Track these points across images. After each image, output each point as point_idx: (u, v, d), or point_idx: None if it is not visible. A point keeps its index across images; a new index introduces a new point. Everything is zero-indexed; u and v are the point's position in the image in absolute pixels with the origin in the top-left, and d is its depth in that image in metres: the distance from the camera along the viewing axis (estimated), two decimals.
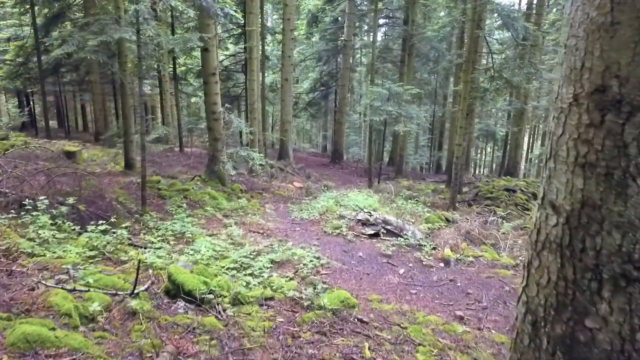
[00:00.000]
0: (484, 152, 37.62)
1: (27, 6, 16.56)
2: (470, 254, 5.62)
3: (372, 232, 6.32)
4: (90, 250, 5.08)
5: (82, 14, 16.29)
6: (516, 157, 23.20)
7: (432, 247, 5.98)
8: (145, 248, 5.82)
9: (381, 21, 26.80)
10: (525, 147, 31.51)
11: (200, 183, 9.66)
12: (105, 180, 9.27)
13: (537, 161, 35.43)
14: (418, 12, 18.68)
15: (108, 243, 5.26)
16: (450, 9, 15.20)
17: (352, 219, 7.00)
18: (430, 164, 29.19)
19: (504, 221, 8.67)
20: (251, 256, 5.39)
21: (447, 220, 8.28)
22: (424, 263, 5.35)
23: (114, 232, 5.86)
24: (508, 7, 9.19)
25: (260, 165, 9.82)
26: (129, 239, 6.02)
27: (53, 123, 26.62)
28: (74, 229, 5.65)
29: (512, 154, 23.18)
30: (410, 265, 5.32)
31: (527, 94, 16.78)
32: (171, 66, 18.59)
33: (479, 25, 10.57)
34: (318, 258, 5.35)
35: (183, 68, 20.24)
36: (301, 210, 8.78)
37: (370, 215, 6.77)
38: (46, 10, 17.16)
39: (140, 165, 10.79)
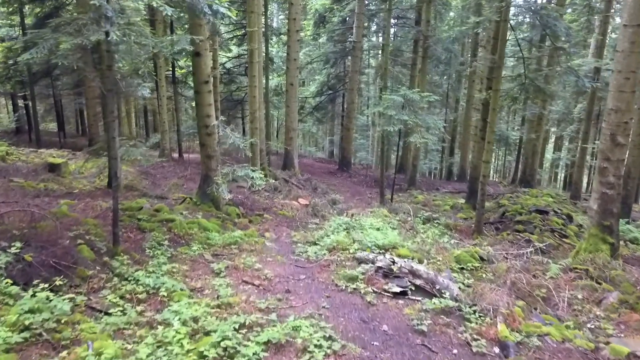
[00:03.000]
0: (495, 156, 35.93)
1: (16, 5, 15.25)
2: (533, 331, 4.14)
3: (398, 289, 4.86)
4: (22, 331, 3.68)
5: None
6: (533, 164, 21.58)
7: (477, 313, 4.50)
8: (105, 313, 4.40)
9: (391, 21, 25.23)
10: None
11: (191, 206, 8.24)
12: (81, 204, 7.87)
13: (549, 167, 33.73)
14: (432, 11, 17.08)
15: (47, 319, 3.83)
16: (480, 7, 13.62)
17: (370, 265, 5.53)
18: (441, 170, 27.65)
19: (547, 258, 7.17)
20: (240, 333, 3.94)
21: (482, 258, 6.79)
22: (473, 349, 3.88)
23: (72, 290, 4.49)
24: (547, 6, 7.67)
25: (260, 184, 8.38)
26: (87, 298, 4.61)
27: (54, 126, 25.43)
28: (12, 290, 4.26)
29: (529, 161, 21.56)
30: (455, 352, 3.85)
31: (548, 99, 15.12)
32: (170, 69, 17.21)
33: (511, 26, 9.06)
34: (330, 338, 3.89)
35: (183, 71, 18.84)
36: (306, 243, 7.32)
37: (393, 263, 5.30)
38: (38, 10, 15.82)
39: (122, 186, 9.38)
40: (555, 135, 31.36)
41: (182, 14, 10.99)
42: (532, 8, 7.75)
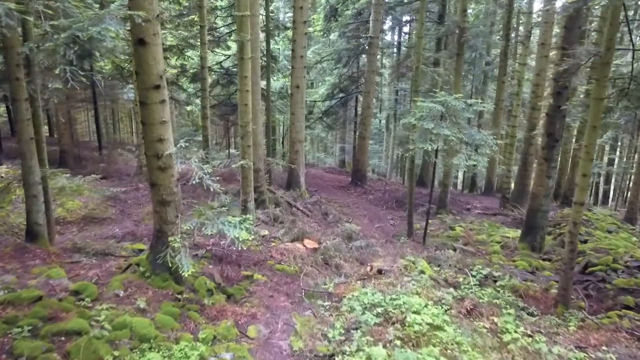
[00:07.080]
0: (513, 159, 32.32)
1: None
2: None
3: None
4: None
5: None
6: (573, 178, 18.21)
7: None
8: None
9: (405, 18, 21.94)
10: None
11: (137, 280, 5.12)
12: None
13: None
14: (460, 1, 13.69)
15: None
16: None
17: None
18: (463, 180, 24.34)
19: None
20: None
21: None
22: None
23: None
24: None
25: (246, 240, 5.23)
26: None
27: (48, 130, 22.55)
28: None
29: (570, 175, 18.21)
30: None
31: None
32: None
33: (624, 5, 5.82)
34: None
35: (174, 71, 15.75)
36: None
37: None
38: None
39: (78, 218, 6.27)
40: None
41: None
42: None
